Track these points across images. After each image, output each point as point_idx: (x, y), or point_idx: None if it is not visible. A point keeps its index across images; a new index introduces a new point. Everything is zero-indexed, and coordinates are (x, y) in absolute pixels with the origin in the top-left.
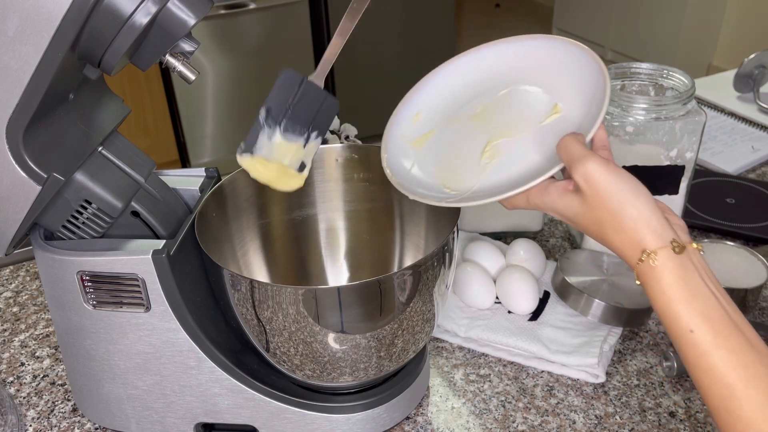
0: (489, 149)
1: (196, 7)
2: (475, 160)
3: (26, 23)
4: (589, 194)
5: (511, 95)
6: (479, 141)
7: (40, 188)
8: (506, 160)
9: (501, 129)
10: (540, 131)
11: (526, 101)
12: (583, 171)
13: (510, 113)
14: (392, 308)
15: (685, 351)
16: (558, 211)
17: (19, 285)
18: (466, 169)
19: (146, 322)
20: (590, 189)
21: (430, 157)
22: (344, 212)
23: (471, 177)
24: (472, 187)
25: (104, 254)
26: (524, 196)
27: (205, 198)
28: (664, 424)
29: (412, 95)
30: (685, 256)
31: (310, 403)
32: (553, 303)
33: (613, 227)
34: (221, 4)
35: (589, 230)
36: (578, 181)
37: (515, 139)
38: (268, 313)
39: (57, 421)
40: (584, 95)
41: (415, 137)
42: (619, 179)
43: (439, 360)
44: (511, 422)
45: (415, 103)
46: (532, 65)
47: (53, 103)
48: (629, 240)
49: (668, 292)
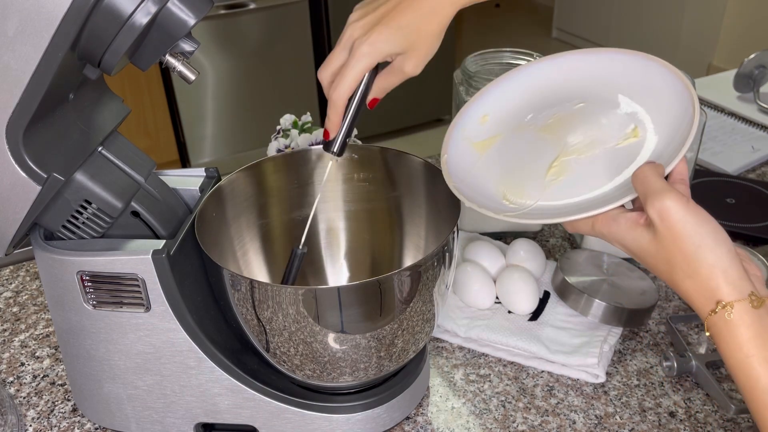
0: (557, 165)
1: (196, 7)
2: (540, 175)
3: (26, 23)
4: (662, 232)
5: (587, 110)
6: (547, 155)
7: (40, 188)
8: (573, 180)
9: (572, 145)
10: (613, 154)
11: (602, 119)
12: (659, 207)
13: (583, 129)
14: (392, 308)
15: (759, 409)
16: (624, 244)
17: (19, 285)
18: (529, 183)
19: (146, 322)
20: (665, 227)
21: (492, 164)
22: (344, 212)
23: (533, 192)
24: (532, 204)
25: (104, 254)
26: (589, 221)
27: (205, 198)
28: (664, 424)
29: (482, 95)
30: (764, 310)
31: (310, 403)
32: (553, 303)
33: (686, 271)
34: (221, 4)
35: (656, 269)
36: (652, 217)
37: (585, 158)
38: (268, 313)
39: (57, 421)
40: (669, 123)
41: (480, 140)
42: (699, 221)
43: (439, 360)
44: (511, 422)
45: (483, 103)
46: (616, 82)
47: (53, 103)
48: (702, 288)
49: (745, 349)
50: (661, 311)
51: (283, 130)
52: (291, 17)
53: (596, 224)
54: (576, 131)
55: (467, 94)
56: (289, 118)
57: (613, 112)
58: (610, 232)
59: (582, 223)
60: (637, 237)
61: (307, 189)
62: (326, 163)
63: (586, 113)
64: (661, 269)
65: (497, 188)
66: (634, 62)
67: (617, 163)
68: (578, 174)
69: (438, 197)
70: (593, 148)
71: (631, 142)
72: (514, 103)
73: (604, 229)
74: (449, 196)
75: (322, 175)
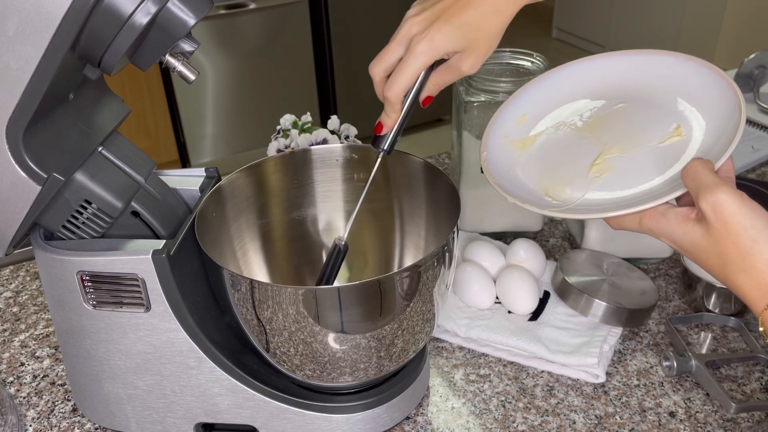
0: (599, 162)
1: (196, 7)
2: (583, 173)
3: (26, 23)
4: (716, 226)
5: (627, 110)
6: (589, 153)
7: (40, 188)
8: (617, 177)
9: (614, 143)
10: (658, 152)
11: (643, 118)
12: (713, 201)
13: (625, 128)
14: (392, 308)
15: None
16: (674, 240)
17: (19, 285)
18: (571, 181)
19: (146, 322)
20: (719, 221)
21: (533, 162)
22: (344, 212)
23: (575, 189)
24: (575, 200)
25: (104, 254)
26: (636, 217)
27: (205, 198)
28: (664, 424)
29: (520, 95)
30: None
31: (310, 403)
32: (553, 303)
33: (740, 266)
34: (221, 4)
35: (708, 264)
36: (705, 211)
37: (629, 156)
38: (268, 313)
39: (57, 421)
40: (715, 121)
41: (519, 138)
42: (754, 214)
43: (439, 360)
44: (511, 422)
45: (521, 103)
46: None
47: (53, 103)
48: (757, 282)
49: None
50: (661, 311)
51: (283, 130)
52: (291, 17)
53: (644, 220)
54: (617, 130)
55: (467, 94)
56: (289, 118)
57: (654, 111)
58: (658, 227)
59: (629, 219)
60: (688, 232)
61: (307, 189)
62: (331, 163)
63: (627, 113)
64: (713, 264)
65: (538, 185)
66: (675, 62)
67: (663, 160)
68: (622, 171)
69: (438, 197)
70: (636, 146)
71: (674, 141)
72: (552, 103)
73: (653, 224)
74: (449, 196)
75: (322, 175)
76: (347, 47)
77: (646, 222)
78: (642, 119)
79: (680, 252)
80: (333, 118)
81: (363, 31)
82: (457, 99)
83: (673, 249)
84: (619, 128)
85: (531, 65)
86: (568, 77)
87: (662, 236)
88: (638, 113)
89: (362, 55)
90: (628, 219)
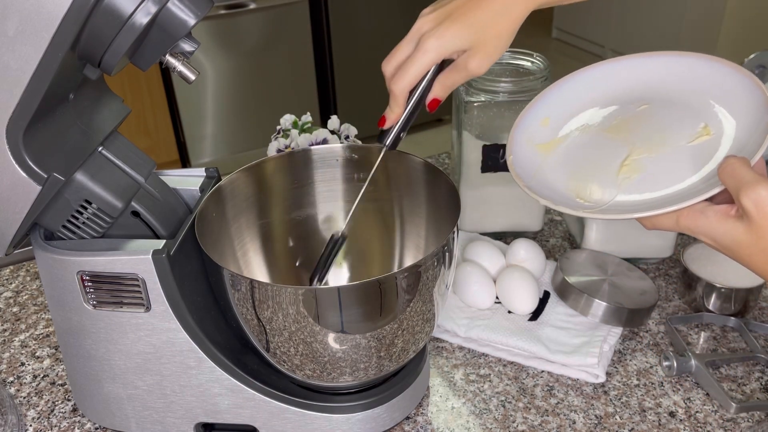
0: (628, 164)
1: (196, 7)
2: (612, 174)
3: (26, 23)
4: (759, 222)
5: (651, 111)
6: (617, 155)
7: (40, 188)
8: (648, 178)
9: (641, 144)
10: (688, 151)
11: (669, 119)
12: (755, 197)
13: (651, 129)
14: (392, 308)
15: None
16: (714, 237)
17: (19, 285)
18: (601, 182)
19: (146, 322)
20: (762, 216)
21: (559, 165)
22: (344, 212)
23: (606, 191)
24: (608, 201)
25: (104, 254)
26: (673, 216)
27: (205, 198)
28: (664, 424)
29: (542, 98)
30: None
31: (310, 403)
32: (553, 303)
33: None
34: (221, 4)
35: (751, 260)
36: (747, 207)
37: (658, 156)
38: (268, 313)
39: (57, 421)
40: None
41: (543, 142)
42: None
43: (439, 360)
44: (511, 422)
45: (543, 106)
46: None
47: (53, 103)
48: None
49: None
50: (661, 311)
51: (283, 130)
52: (291, 17)
53: (681, 219)
54: (643, 131)
55: (467, 94)
56: (289, 118)
57: (680, 112)
58: (697, 225)
59: (665, 219)
60: (729, 229)
61: (307, 189)
62: (331, 163)
63: (651, 114)
64: (757, 260)
65: (567, 187)
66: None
67: (695, 159)
68: (653, 171)
69: (438, 197)
70: (664, 146)
71: (703, 140)
72: (575, 106)
73: (691, 223)
74: (449, 196)
75: (323, 175)
76: (347, 47)
77: (683, 221)
78: (668, 120)
79: (719, 250)
80: (333, 118)
81: (363, 31)
82: (457, 99)
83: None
84: (645, 129)
85: (531, 65)
86: (590, 80)
87: (701, 234)
88: (663, 114)
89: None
90: (665, 218)
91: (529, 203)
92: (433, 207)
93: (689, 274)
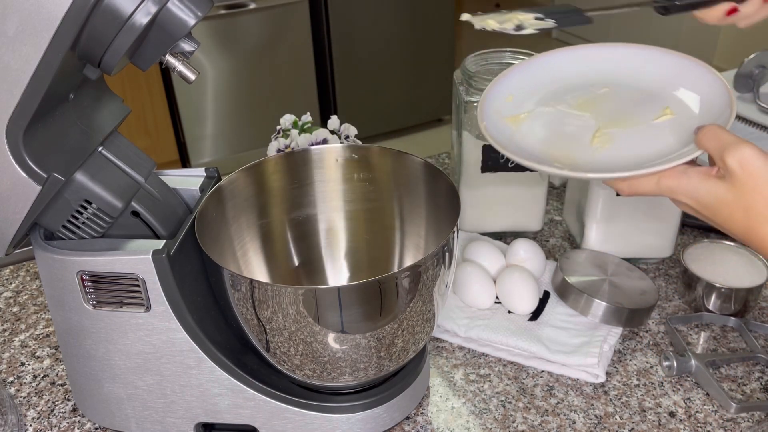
0: (599, 136)
1: (196, 7)
2: (585, 144)
3: (26, 23)
4: (743, 179)
5: (613, 94)
6: (587, 127)
7: (40, 188)
8: (624, 146)
9: (609, 119)
10: (658, 126)
11: (632, 101)
12: (739, 156)
13: (615, 108)
14: (392, 308)
15: None
16: (696, 197)
17: (19, 285)
18: (575, 150)
19: (146, 322)
20: (746, 174)
21: (531, 136)
22: (344, 212)
23: (582, 157)
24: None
25: (104, 254)
26: (654, 178)
27: (205, 198)
28: (664, 424)
29: (504, 78)
30: None
31: (310, 403)
32: (553, 303)
33: (766, 216)
34: (221, 4)
35: (731, 219)
36: (731, 166)
37: (628, 130)
38: (268, 313)
39: (57, 421)
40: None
41: (510, 115)
42: None
43: (439, 360)
44: (511, 422)
45: (504, 86)
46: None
47: (53, 103)
48: None
49: None
50: (661, 311)
51: (283, 130)
52: (291, 17)
53: (663, 179)
54: (608, 109)
55: (467, 94)
56: (289, 118)
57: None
58: (679, 185)
59: (645, 181)
60: (711, 188)
61: (307, 189)
62: (331, 163)
63: (613, 96)
64: (737, 218)
65: (543, 153)
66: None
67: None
68: (626, 141)
69: (438, 197)
70: (631, 122)
71: (667, 119)
72: (536, 86)
73: (673, 183)
74: (449, 196)
75: (322, 175)
76: (347, 47)
77: (665, 181)
78: (630, 102)
79: (698, 211)
80: (333, 118)
81: (363, 31)
82: (457, 99)
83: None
84: (609, 108)
85: None
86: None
87: (682, 194)
88: (625, 96)
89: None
90: (645, 181)
91: (529, 203)
92: (433, 207)
93: (689, 274)
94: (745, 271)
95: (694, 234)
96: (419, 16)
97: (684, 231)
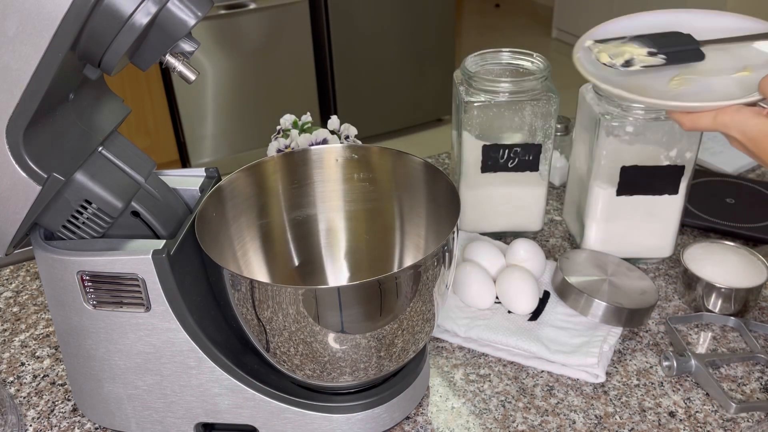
0: (678, 79)
1: (196, 7)
2: (662, 84)
3: (26, 23)
4: None
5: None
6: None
7: (40, 188)
8: (696, 88)
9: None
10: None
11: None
12: None
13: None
14: (392, 308)
15: None
16: (744, 130)
17: (19, 285)
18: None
19: (146, 322)
20: None
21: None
22: (344, 212)
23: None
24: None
25: (104, 254)
26: (712, 113)
27: (205, 198)
28: (664, 424)
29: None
30: None
31: (310, 403)
32: (553, 303)
33: None
34: (221, 4)
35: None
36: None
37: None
38: (268, 313)
39: (57, 421)
40: None
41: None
42: None
43: (439, 360)
44: (511, 422)
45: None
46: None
47: (53, 103)
48: None
49: None
50: (661, 311)
51: (283, 130)
52: (291, 17)
53: (719, 115)
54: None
55: (467, 94)
56: (289, 118)
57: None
58: (732, 119)
59: (705, 116)
60: (759, 124)
61: (307, 189)
62: (331, 163)
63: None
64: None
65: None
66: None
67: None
68: (701, 84)
69: (438, 197)
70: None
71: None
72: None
73: (728, 118)
74: (449, 196)
75: (322, 175)
76: (347, 47)
77: (721, 116)
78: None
79: (744, 144)
80: (333, 118)
81: (363, 31)
82: (457, 99)
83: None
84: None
85: (531, 65)
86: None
87: (733, 128)
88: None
89: (362, 55)
90: (705, 116)
91: (529, 203)
92: (432, 207)
93: (689, 274)
94: (745, 271)
95: (694, 234)
96: (419, 16)
97: (684, 231)
